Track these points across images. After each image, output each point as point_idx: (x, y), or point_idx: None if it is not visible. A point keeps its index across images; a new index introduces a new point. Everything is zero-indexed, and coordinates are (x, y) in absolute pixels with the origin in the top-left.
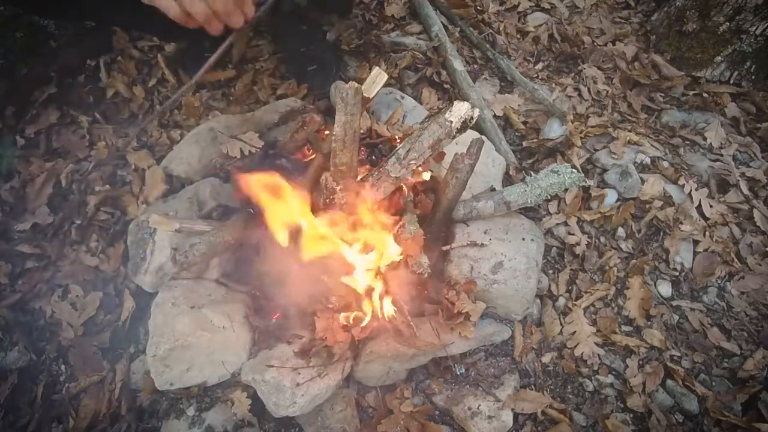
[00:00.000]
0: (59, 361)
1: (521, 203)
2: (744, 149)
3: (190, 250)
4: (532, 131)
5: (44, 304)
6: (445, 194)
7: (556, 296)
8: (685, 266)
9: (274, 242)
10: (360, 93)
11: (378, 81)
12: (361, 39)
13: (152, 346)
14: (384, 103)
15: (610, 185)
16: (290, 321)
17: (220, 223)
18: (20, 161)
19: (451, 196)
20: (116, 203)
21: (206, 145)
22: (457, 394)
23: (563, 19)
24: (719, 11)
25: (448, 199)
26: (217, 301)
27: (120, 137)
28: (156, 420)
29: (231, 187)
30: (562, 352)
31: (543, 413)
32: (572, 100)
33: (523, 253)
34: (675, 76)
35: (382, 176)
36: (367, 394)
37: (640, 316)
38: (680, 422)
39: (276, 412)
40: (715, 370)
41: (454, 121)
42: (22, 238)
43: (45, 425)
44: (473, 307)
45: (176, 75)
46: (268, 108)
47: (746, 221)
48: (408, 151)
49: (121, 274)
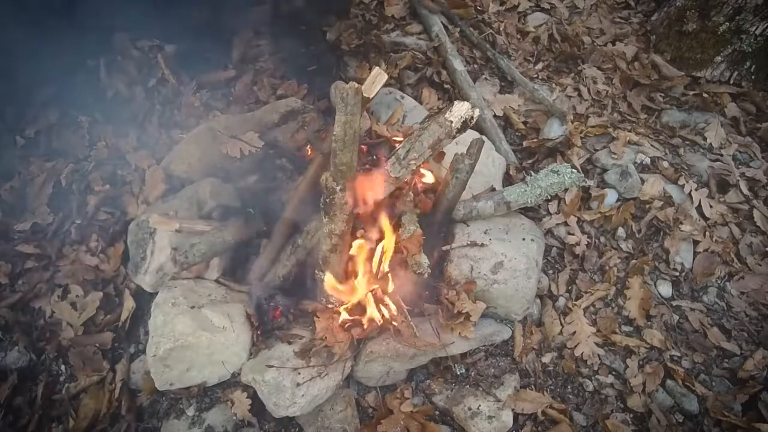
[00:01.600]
0: (59, 361)
1: (521, 203)
2: (744, 149)
3: (190, 250)
4: (532, 131)
5: (44, 304)
6: (446, 194)
7: (556, 296)
8: (685, 266)
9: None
10: (360, 93)
11: (378, 81)
12: (361, 39)
13: (152, 346)
14: (384, 103)
15: (610, 185)
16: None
17: (220, 223)
18: (20, 161)
19: (451, 196)
20: (116, 203)
21: (206, 145)
22: (457, 394)
23: (563, 20)
24: (719, 11)
25: (449, 199)
26: (217, 301)
27: (120, 137)
28: (156, 420)
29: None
30: (562, 352)
31: (543, 413)
32: (572, 100)
33: (523, 253)
34: (675, 76)
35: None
36: (367, 394)
37: (640, 316)
38: (680, 422)
39: (276, 412)
40: (715, 370)
41: (454, 121)
42: (22, 238)
43: (45, 425)
44: (473, 307)
45: (176, 75)
46: (268, 108)
47: (746, 221)
48: (408, 151)
49: (121, 274)
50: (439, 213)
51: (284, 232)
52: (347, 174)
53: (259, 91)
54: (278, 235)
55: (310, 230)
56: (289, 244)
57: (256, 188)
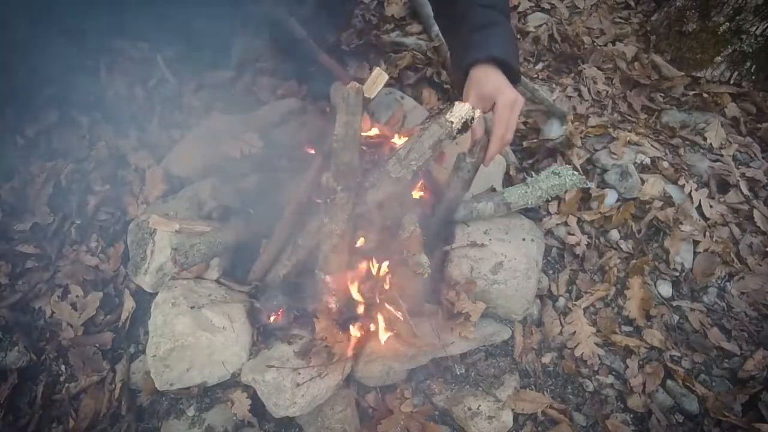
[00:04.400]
0: (59, 361)
1: (522, 204)
2: (744, 149)
3: (190, 250)
4: (532, 131)
5: (44, 304)
6: (447, 194)
7: (556, 296)
8: (685, 266)
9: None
10: (361, 93)
11: (379, 81)
12: (361, 39)
13: (152, 346)
14: (384, 103)
15: (610, 185)
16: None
17: (220, 223)
18: (20, 161)
19: (453, 195)
20: (116, 203)
21: (206, 145)
22: (457, 395)
23: (563, 20)
24: (719, 11)
25: (450, 198)
26: (217, 301)
27: (120, 137)
28: (156, 420)
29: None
30: (562, 352)
31: (543, 413)
32: (572, 100)
33: (523, 253)
34: (675, 76)
35: (382, 177)
36: (367, 395)
37: (640, 316)
38: (680, 422)
39: (276, 413)
40: (716, 370)
41: (454, 121)
42: (22, 238)
43: (45, 425)
44: (473, 307)
45: (176, 75)
46: (268, 108)
47: (746, 221)
48: (408, 152)
49: (121, 274)
50: (441, 212)
51: (285, 232)
52: (348, 174)
53: (259, 92)
54: (278, 235)
55: (310, 230)
56: (289, 244)
57: (256, 188)
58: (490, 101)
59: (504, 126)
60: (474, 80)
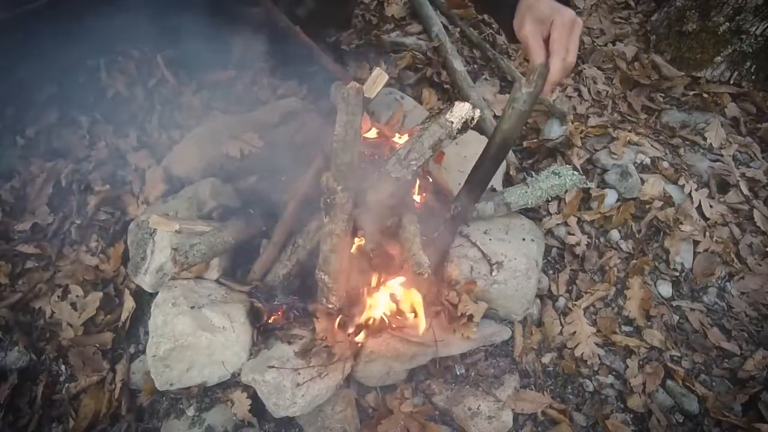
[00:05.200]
0: (59, 361)
1: (522, 204)
2: (744, 149)
3: (190, 251)
4: (532, 131)
5: (44, 304)
6: (500, 126)
7: (556, 296)
8: (685, 266)
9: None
10: (362, 93)
11: (379, 81)
12: (361, 39)
13: (152, 346)
14: (384, 103)
15: (610, 185)
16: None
17: (220, 223)
18: (20, 161)
19: (506, 127)
20: (116, 203)
21: (206, 145)
22: (457, 395)
23: None
24: (719, 11)
25: (503, 130)
26: (217, 301)
27: (120, 137)
28: (156, 420)
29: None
30: (562, 352)
31: (543, 413)
32: (572, 100)
33: (523, 253)
34: (675, 76)
35: (382, 177)
36: (367, 394)
37: (641, 316)
38: (680, 422)
39: (276, 413)
40: (716, 370)
41: (454, 121)
42: (22, 238)
43: (45, 425)
44: (476, 307)
45: (176, 75)
46: (268, 108)
47: (746, 221)
48: (409, 152)
49: (121, 274)
50: (489, 155)
51: (285, 232)
52: (348, 174)
53: (259, 91)
54: (279, 236)
55: (310, 230)
56: (289, 244)
57: (256, 188)
58: (547, 24)
59: (564, 48)
60: (526, 5)
